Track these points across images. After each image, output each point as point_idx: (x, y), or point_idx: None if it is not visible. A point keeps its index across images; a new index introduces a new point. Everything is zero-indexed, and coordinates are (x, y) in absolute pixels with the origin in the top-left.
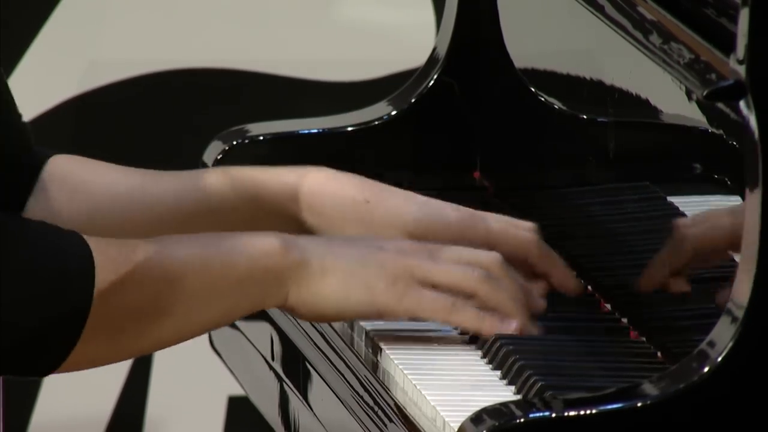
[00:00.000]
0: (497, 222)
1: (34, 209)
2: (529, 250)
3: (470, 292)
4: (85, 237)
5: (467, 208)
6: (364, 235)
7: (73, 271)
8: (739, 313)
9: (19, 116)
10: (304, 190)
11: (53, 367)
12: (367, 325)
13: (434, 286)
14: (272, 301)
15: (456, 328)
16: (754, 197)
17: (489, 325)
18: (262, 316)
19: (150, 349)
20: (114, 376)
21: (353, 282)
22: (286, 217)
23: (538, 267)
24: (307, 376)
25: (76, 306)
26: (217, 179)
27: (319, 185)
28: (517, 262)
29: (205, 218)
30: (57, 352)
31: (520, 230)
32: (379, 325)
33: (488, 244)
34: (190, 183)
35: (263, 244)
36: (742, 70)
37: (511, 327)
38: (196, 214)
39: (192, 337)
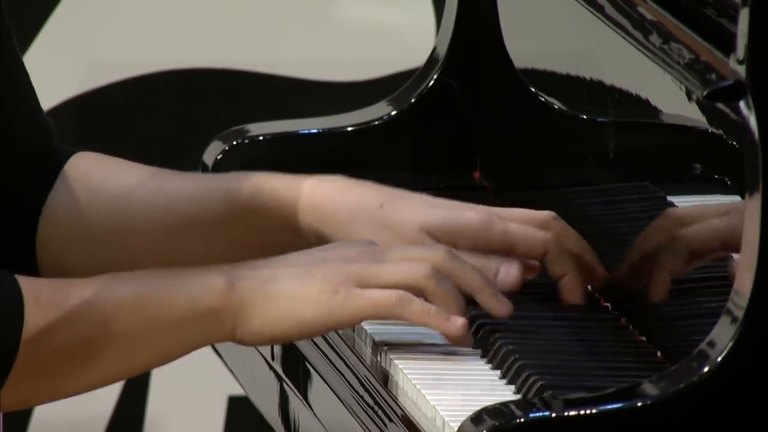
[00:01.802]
0: (515, 220)
1: (55, 206)
2: (546, 250)
3: (416, 289)
4: (19, 279)
5: (486, 207)
6: (308, 251)
7: (1, 314)
8: (739, 313)
9: (41, 112)
10: (315, 200)
11: None
12: (369, 326)
13: (379, 287)
14: (216, 337)
15: None
16: (754, 197)
17: (435, 321)
18: None
19: (85, 390)
20: None
21: (297, 302)
22: (295, 227)
23: (555, 269)
24: (307, 376)
25: (3, 349)
26: (233, 183)
27: (331, 194)
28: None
29: (221, 222)
30: None
31: (538, 232)
32: (381, 327)
33: (506, 245)
34: (209, 185)
35: (205, 284)
36: (742, 70)
37: (457, 323)
38: (213, 217)
39: (128, 376)
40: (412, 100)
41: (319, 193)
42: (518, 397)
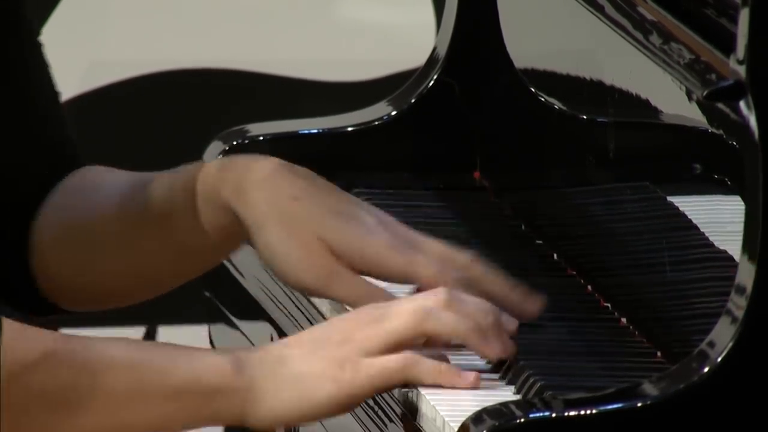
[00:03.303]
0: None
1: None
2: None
3: (423, 337)
4: (2, 319)
5: (408, 237)
6: (315, 327)
7: None
8: (739, 313)
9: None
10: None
11: None
12: None
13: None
14: (225, 418)
15: None
16: (754, 197)
17: (448, 379)
18: (261, 315)
19: None
20: None
21: (306, 384)
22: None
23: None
24: None
25: None
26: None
27: (259, 178)
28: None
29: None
30: None
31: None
32: None
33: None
34: (143, 183)
35: (210, 361)
36: (742, 70)
37: (469, 379)
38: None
39: None
40: (412, 100)
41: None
42: (518, 397)
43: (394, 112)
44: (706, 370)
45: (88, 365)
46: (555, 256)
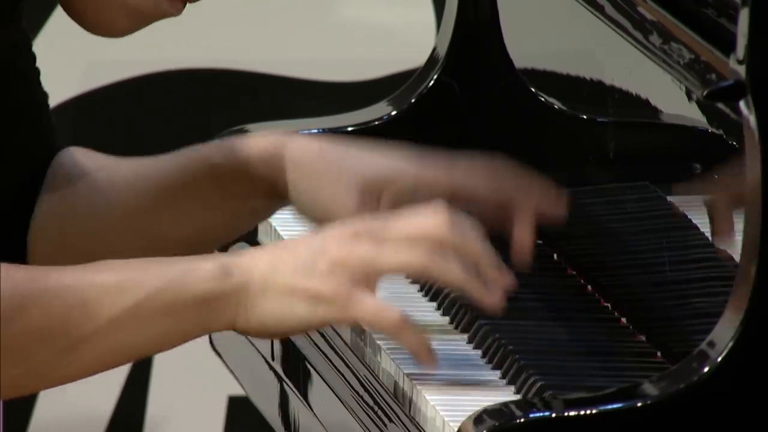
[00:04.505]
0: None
1: (43, 202)
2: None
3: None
4: None
5: (435, 162)
6: (308, 235)
7: None
8: (739, 313)
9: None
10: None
11: None
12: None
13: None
14: (217, 325)
15: (457, 327)
16: (754, 197)
17: (425, 357)
18: None
19: (76, 376)
20: (114, 376)
21: (296, 298)
22: (254, 178)
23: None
24: (307, 376)
25: None
26: (189, 153)
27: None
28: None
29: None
30: None
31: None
32: None
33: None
34: (167, 161)
35: (198, 270)
36: (742, 70)
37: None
38: (177, 181)
39: (123, 363)
40: (412, 100)
41: (268, 142)
42: (518, 397)
43: (394, 112)
44: (706, 370)
45: (80, 297)
46: (555, 256)
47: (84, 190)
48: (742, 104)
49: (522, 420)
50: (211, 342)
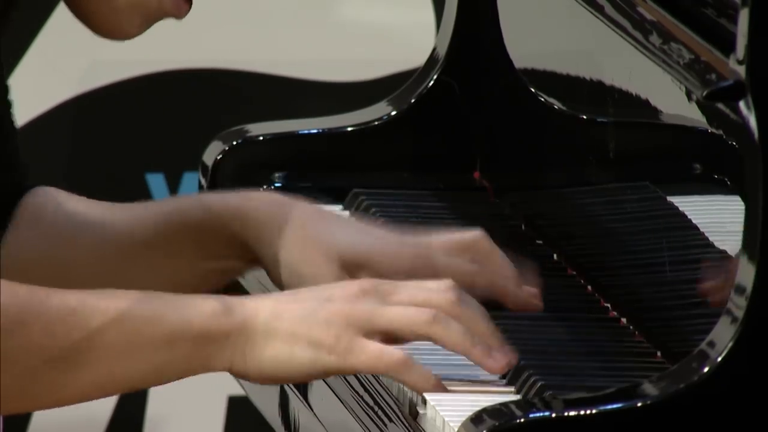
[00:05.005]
0: (443, 252)
1: (7, 244)
2: (473, 282)
3: (421, 337)
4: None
5: (412, 237)
6: (314, 287)
7: None
8: (739, 313)
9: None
10: (249, 212)
11: None
12: None
13: (385, 333)
14: (214, 363)
15: None
16: (754, 197)
17: (433, 387)
18: None
19: (69, 400)
20: None
21: (297, 345)
22: (229, 238)
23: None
24: None
25: None
26: (170, 204)
27: (262, 208)
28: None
29: (156, 245)
30: None
31: (463, 265)
32: None
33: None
34: (140, 211)
35: (200, 306)
36: (742, 70)
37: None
38: (150, 240)
39: (117, 392)
40: (412, 100)
41: (248, 206)
42: (518, 397)
43: (394, 112)
44: (706, 370)
45: (83, 322)
46: (555, 256)
47: (51, 235)
48: (742, 104)
49: (522, 420)
50: None
